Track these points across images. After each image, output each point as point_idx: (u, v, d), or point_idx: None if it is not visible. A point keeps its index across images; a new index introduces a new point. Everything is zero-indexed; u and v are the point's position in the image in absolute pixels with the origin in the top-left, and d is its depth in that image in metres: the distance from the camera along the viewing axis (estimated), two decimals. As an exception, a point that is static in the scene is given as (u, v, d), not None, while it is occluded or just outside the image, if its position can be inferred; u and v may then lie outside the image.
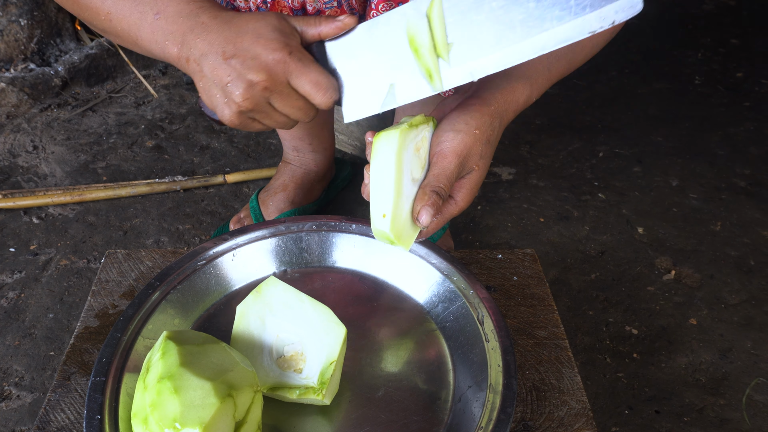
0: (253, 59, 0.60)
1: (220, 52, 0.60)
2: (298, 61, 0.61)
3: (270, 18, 0.62)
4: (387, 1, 0.81)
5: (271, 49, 0.60)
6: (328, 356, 0.64)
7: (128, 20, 0.66)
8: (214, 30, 0.61)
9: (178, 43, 0.63)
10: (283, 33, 0.61)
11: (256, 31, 0.61)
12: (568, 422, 0.68)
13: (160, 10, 0.64)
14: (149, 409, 0.53)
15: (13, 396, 1.00)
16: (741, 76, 2.03)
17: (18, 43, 1.72)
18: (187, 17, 0.63)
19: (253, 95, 0.61)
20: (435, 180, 0.63)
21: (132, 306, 0.71)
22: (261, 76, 0.60)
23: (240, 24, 0.62)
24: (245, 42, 0.60)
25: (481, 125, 0.65)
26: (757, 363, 1.08)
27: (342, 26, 0.64)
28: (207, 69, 0.61)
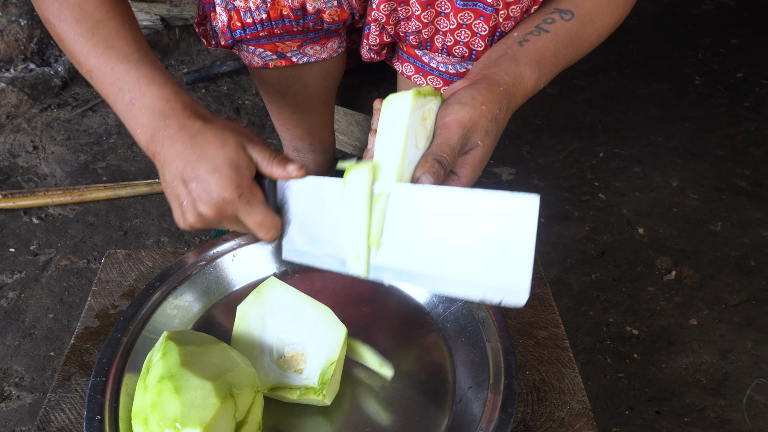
0: (206, 192, 0.63)
1: (181, 170, 0.64)
2: (246, 203, 0.65)
3: (229, 148, 0.64)
4: (388, 1, 0.81)
5: (222, 187, 0.63)
6: (329, 356, 0.63)
7: (107, 89, 0.69)
8: (179, 143, 0.65)
9: (148, 137, 0.66)
10: (238, 170, 0.64)
11: (214, 161, 0.63)
12: (569, 422, 0.68)
13: (135, 97, 0.67)
14: (150, 409, 0.53)
15: (13, 396, 1.00)
16: (741, 76, 2.03)
17: (18, 43, 1.72)
18: (158, 116, 0.66)
19: (204, 221, 0.66)
20: (438, 149, 0.62)
21: (132, 306, 0.70)
22: (211, 211, 0.64)
23: (203, 146, 0.64)
24: (202, 170, 0.63)
25: (487, 101, 0.65)
26: (758, 363, 1.08)
27: (288, 176, 0.67)
28: (168, 178, 0.66)
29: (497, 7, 0.76)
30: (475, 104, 0.64)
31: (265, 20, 0.85)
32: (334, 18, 0.86)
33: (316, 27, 0.88)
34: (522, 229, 0.52)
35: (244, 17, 0.85)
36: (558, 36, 0.73)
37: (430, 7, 0.80)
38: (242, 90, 1.89)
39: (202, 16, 0.94)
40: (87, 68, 0.69)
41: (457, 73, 0.89)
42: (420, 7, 0.80)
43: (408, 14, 0.82)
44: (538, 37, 0.72)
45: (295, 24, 0.86)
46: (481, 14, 0.77)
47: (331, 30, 0.92)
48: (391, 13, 0.83)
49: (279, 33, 0.88)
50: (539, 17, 0.75)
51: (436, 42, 0.84)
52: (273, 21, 0.85)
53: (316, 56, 0.97)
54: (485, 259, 0.54)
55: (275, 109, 1.11)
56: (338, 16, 0.86)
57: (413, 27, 0.83)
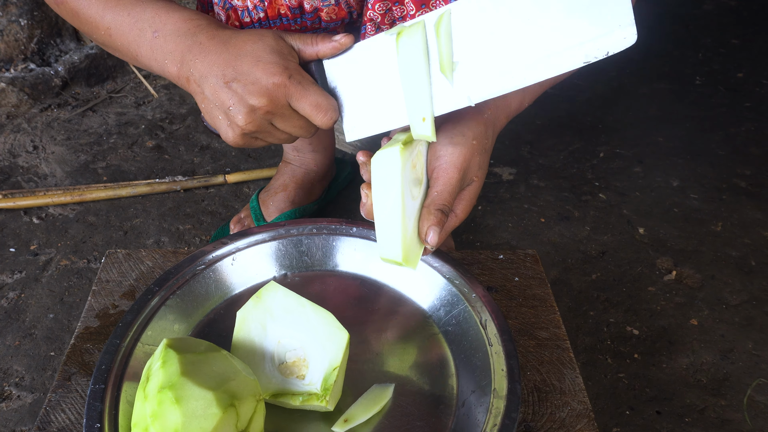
0: (254, 84, 0.60)
1: (221, 75, 0.61)
2: (298, 84, 0.61)
3: (268, 39, 0.62)
4: (382, 1, 0.81)
5: (270, 73, 0.60)
6: (331, 362, 0.63)
7: (127, 37, 0.66)
8: (213, 51, 0.62)
9: (177, 62, 0.63)
10: (282, 55, 0.61)
11: (255, 53, 0.61)
12: (570, 423, 0.68)
13: (158, 28, 0.64)
14: (150, 419, 0.53)
15: (14, 396, 1.00)
16: (742, 76, 2.03)
17: (18, 43, 1.72)
18: (184, 36, 0.63)
19: (256, 119, 0.62)
20: (439, 198, 0.62)
21: (131, 312, 0.70)
22: (262, 101, 0.61)
23: (238, 45, 0.62)
24: (245, 65, 0.60)
25: (477, 135, 0.64)
26: (759, 364, 1.08)
27: (338, 46, 0.64)
28: (208, 91, 0.62)
29: None
30: (466, 142, 0.63)
31: (262, 19, 0.85)
32: (331, 16, 0.86)
33: (314, 26, 0.87)
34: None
35: (241, 16, 0.85)
36: None
37: (425, 6, 0.79)
38: (242, 90, 1.89)
39: (201, 16, 0.94)
40: (105, 27, 0.67)
41: None
42: (414, 6, 0.80)
43: (403, 14, 0.82)
44: None
45: (292, 23, 0.85)
46: None
47: (329, 29, 0.92)
48: (386, 12, 0.83)
49: None
50: None
51: None
52: (270, 20, 0.85)
53: (315, 55, 0.96)
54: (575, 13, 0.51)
55: (275, 109, 1.11)
56: (336, 14, 0.86)
57: None
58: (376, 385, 0.68)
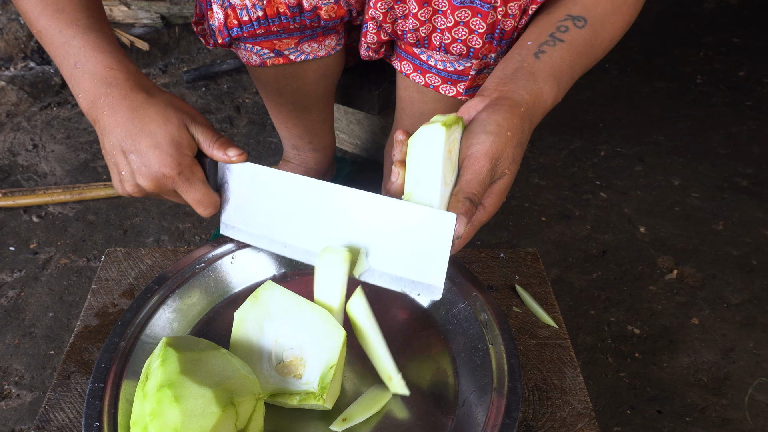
0: (146, 167, 0.65)
1: (121, 141, 0.65)
2: (186, 181, 0.67)
3: (171, 126, 0.65)
4: (384, 0, 0.80)
5: (163, 163, 0.64)
6: (328, 360, 0.63)
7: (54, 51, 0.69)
8: (120, 114, 0.65)
9: (89, 103, 0.67)
10: (179, 148, 0.66)
11: (156, 138, 0.64)
12: (571, 422, 0.68)
13: (80, 61, 0.67)
14: (149, 418, 0.53)
15: (13, 395, 1.00)
16: (743, 75, 2.02)
17: (18, 41, 1.72)
18: (100, 83, 0.66)
19: (141, 191, 0.68)
20: (468, 186, 0.60)
21: (130, 310, 0.70)
22: (150, 185, 0.66)
23: (144, 121, 0.65)
24: (142, 145, 0.64)
25: (512, 127, 0.62)
26: (760, 363, 1.08)
27: (227, 160, 0.69)
28: (108, 146, 0.66)
29: (495, 5, 0.75)
30: (500, 131, 0.61)
31: (261, 18, 0.84)
32: (330, 15, 0.86)
33: (313, 24, 0.87)
34: (440, 239, 0.60)
35: (240, 15, 0.85)
36: (573, 45, 0.69)
37: (427, 5, 0.79)
38: (242, 88, 1.89)
39: (199, 15, 0.94)
40: (37, 29, 0.70)
41: (455, 71, 0.89)
42: (417, 5, 0.79)
43: (405, 12, 0.82)
44: (554, 48, 0.69)
45: (291, 21, 0.85)
46: (479, 11, 0.77)
47: (328, 27, 0.92)
48: (388, 11, 0.82)
49: (276, 30, 0.87)
50: (551, 24, 0.71)
51: (433, 40, 0.84)
52: (269, 18, 0.84)
53: (314, 54, 0.96)
54: (408, 260, 0.63)
55: (274, 108, 1.11)
56: (335, 12, 0.86)
57: (410, 25, 0.83)
58: (376, 385, 0.68)
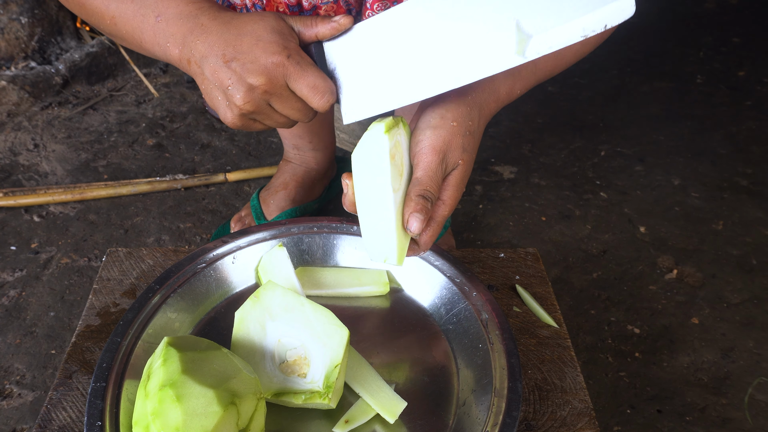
0: (253, 62, 0.60)
1: (221, 54, 0.61)
2: (296, 65, 0.61)
3: (268, 19, 0.62)
4: (381, 1, 0.80)
5: (269, 52, 0.60)
6: (333, 359, 0.63)
7: (131, 23, 0.67)
8: (214, 32, 0.62)
9: (179, 44, 0.64)
10: (282, 35, 0.62)
11: (255, 33, 0.61)
12: (571, 422, 0.68)
13: (161, 12, 0.65)
14: (151, 417, 0.53)
15: (15, 394, 1.00)
16: (743, 75, 2.03)
17: (19, 41, 1.72)
18: (186, 19, 0.63)
19: (254, 98, 0.62)
20: (419, 183, 0.60)
21: (132, 310, 0.70)
22: (260, 80, 0.61)
23: (239, 25, 0.62)
24: (244, 45, 0.60)
25: (457, 116, 0.62)
26: (760, 362, 1.08)
27: (338, 27, 0.64)
28: (208, 71, 0.62)
29: None
30: (444, 123, 0.62)
31: None
32: (330, 14, 0.86)
33: None
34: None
35: None
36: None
37: None
38: (243, 88, 1.89)
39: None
40: (110, 16, 0.68)
41: None
42: None
43: None
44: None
45: None
46: None
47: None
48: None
49: None
50: None
51: None
52: None
53: (315, 53, 0.96)
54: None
55: (275, 107, 1.10)
56: (334, 12, 0.86)
57: None
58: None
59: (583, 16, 0.51)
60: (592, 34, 0.52)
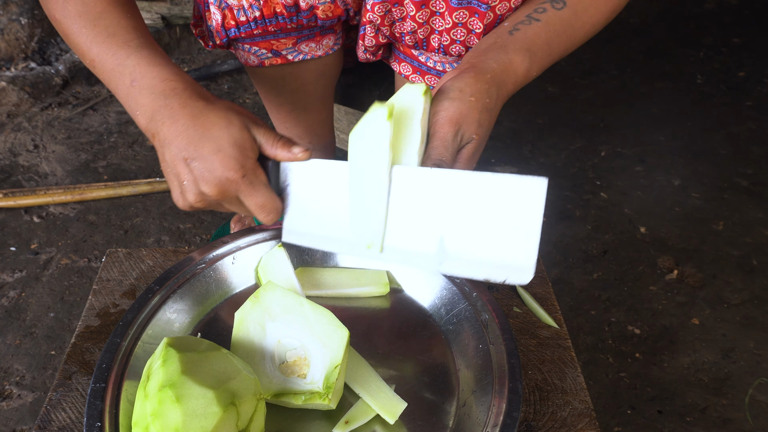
0: (209, 172, 0.63)
1: (183, 149, 0.64)
2: (249, 184, 0.65)
3: (233, 129, 0.64)
4: (382, 2, 0.80)
5: (226, 167, 0.63)
6: (333, 360, 0.63)
7: (108, 75, 0.69)
8: (180, 122, 0.64)
9: (147, 118, 0.66)
10: (242, 150, 0.64)
11: (218, 141, 0.63)
12: (571, 422, 0.68)
13: (136, 79, 0.67)
14: (150, 418, 0.53)
15: (14, 395, 1.00)
16: (743, 75, 2.02)
17: (19, 41, 1.72)
18: (157, 96, 0.66)
19: (204, 200, 0.66)
20: (434, 152, 0.62)
21: (131, 311, 0.70)
22: (213, 191, 0.64)
23: (206, 126, 0.64)
24: (205, 149, 0.63)
25: (475, 92, 0.64)
26: (760, 363, 1.08)
27: (294, 158, 0.67)
28: (168, 158, 0.65)
29: (492, 4, 0.75)
30: (463, 97, 0.63)
31: (258, 18, 0.84)
32: (327, 14, 0.86)
33: (310, 24, 0.87)
34: (529, 210, 0.54)
35: (237, 15, 0.85)
36: (550, 24, 0.71)
37: (425, 7, 0.79)
38: (243, 89, 1.89)
39: (198, 17, 0.94)
40: (90, 58, 0.70)
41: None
42: (414, 7, 0.79)
43: (402, 15, 0.82)
44: (528, 26, 0.71)
45: (288, 21, 0.85)
46: (476, 12, 0.77)
47: (325, 27, 0.92)
48: (386, 14, 0.82)
49: (273, 31, 0.88)
50: (530, 7, 0.74)
51: (432, 42, 0.84)
52: (266, 18, 0.85)
53: (312, 53, 0.96)
54: (491, 239, 0.56)
55: (273, 108, 1.11)
56: (332, 12, 0.86)
57: (408, 27, 0.83)
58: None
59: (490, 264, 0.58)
60: (493, 281, 0.58)
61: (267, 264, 0.78)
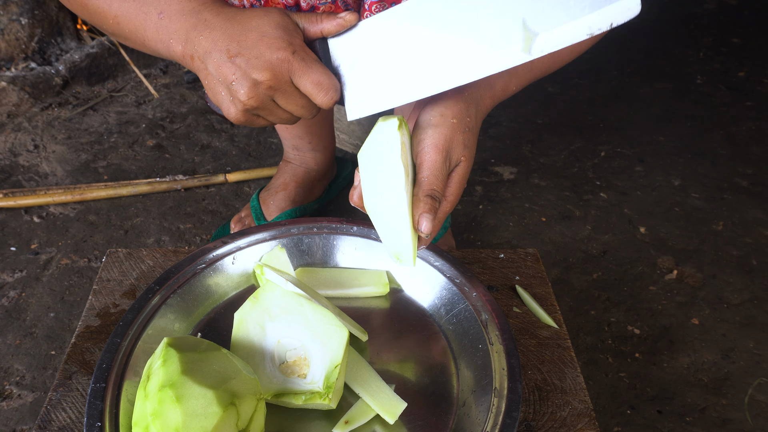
0: (257, 58, 0.60)
1: (225, 49, 0.61)
2: (301, 61, 0.61)
3: (273, 15, 0.62)
4: (380, 2, 0.80)
5: (274, 48, 0.60)
6: (333, 359, 0.63)
7: (134, 22, 0.66)
8: (218, 27, 0.61)
9: (182, 41, 0.63)
10: (287, 31, 0.61)
11: (260, 28, 0.61)
12: (571, 422, 0.68)
13: (164, 9, 0.64)
14: (151, 418, 0.53)
15: (14, 395, 1.00)
16: (743, 75, 2.03)
17: (19, 42, 1.72)
18: (189, 15, 0.63)
19: (258, 94, 0.62)
20: (426, 183, 0.60)
21: (132, 311, 0.70)
22: (265, 76, 0.60)
23: (244, 21, 0.62)
24: (249, 40, 0.60)
25: (456, 113, 0.63)
26: (760, 363, 1.08)
27: (343, 23, 0.64)
28: (212, 67, 0.62)
29: None
30: (445, 122, 0.62)
31: None
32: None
33: None
34: None
35: None
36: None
37: None
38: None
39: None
40: (113, 16, 0.68)
41: None
42: None
43: None
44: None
45: None
46: None
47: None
48: None
49: None
50: None
51: None
52: None
53: (314, 54, 0.96)
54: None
55: (275, 108, 1.10)
56: (333, 12, 0.86)
57: None
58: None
59: (589, 14, 0.51)
60: (598, 32, 0.52)
61: (267, 264, 0.78)
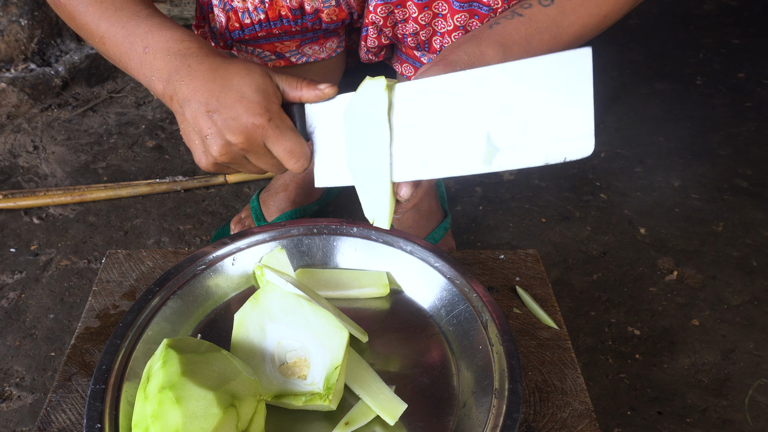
0: (234, 120, 0.61)
1: (204, 102, 0.62)
2: (276, 128, 0.63)
3: (255, 75, 0.63)
4: (385, 4, 0.80)
5: (251, 112, 0.61)
6: (333, 361, 0.63)
7: (119, 48, 0.68)
8: (200, 77, 0.62)
9: (164, 80, 0.64)
10: (266, 95, 0.62)
11: (241, 88, 0.62)
12: (571, 424, 0.68)
13: (149, 45, 0.65)
14: (150, 419, 0.53)
15: (14, 396, 1.00)
16: (743, 76, 2.03)
17: (18, 43, 1.72)
18: (174, 57, 0.64)
19: (230, 152, 0.64)
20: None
21: (131, 312, 0.70)
22: (239, 139, 0.62)
23: (226, 77, 0.62)
24: (228, 99, 0.61)
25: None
26: (760, 364, 1.08)
27: (321, 95, 0.65)
28: (189, 115, 0.63)
29: (494, 7, 0.76)
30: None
31: (263, 21, 0.85)
32: (332, 18, 0.86)
33: (315, 27, 0.87)
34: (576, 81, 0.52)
35: (242, 18, 0.85)
36: (533, 20, 0.69)
37: (427, 9, 0.79)
38: (243, 90, 1.89)
39: (200, 18, 0.94)
40: (99, 36, 0.68)
41: None
42: (417, 9, 0.79)
43: (405, 16, 0.82)
44: (510, 20, 0.69)
45: (293, 24, 0.85)
46: (476, 13, 0.77)
47: (329, 30, 0.92)
48: (389, 15, 0.82)
49: (277, 33, 0.88)
50: (517, 3, 0.72)
51: (434, 43, 0.84)
52: (271, 21, 0.85)
53: (315, 56, 0.96)
54: (541, 119, 0.52)
55: (276, 110, 1.11)
56: (336, 15, 0.86)
57: (411, 29, 0.83)
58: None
59: (546, 144, 0.53)
60: (552, 162, 0.53)
61: (267, 265, 0.78)
